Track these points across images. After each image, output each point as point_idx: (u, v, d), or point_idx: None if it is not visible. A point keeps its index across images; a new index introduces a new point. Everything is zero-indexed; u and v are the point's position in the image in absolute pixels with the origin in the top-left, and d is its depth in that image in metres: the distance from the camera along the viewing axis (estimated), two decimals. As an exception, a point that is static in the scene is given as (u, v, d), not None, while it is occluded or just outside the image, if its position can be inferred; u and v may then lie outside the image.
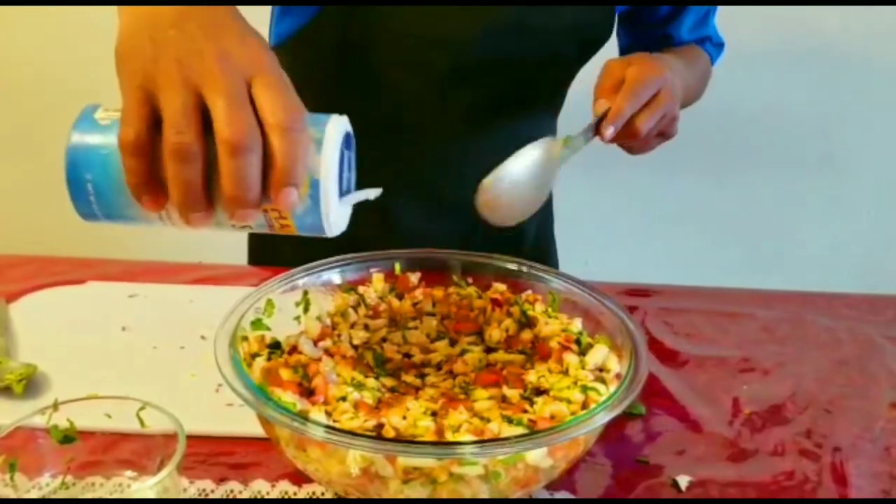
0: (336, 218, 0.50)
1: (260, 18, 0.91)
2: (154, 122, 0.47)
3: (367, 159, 0.98)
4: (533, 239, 1.03)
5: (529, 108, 0.95)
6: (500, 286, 0.70)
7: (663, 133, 0.83)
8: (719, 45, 1.00)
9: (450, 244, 0.72)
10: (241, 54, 0.48)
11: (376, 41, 0.85)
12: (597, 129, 0.76)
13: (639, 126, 0.77)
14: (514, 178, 0.71)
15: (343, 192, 0.51)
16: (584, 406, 0.56)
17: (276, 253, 1.01)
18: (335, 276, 0.69)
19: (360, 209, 0.84)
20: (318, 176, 0.48)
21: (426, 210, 0.95)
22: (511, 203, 0.72)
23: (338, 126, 0.50)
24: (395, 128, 0.90)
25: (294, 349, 0.62)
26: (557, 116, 1.01)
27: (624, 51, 1.00)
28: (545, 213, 1.08)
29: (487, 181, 0.71)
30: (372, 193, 0.54)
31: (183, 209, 0.47)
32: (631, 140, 0.79)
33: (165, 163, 0.46)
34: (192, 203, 0.47)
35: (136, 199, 0.48)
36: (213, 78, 0.46)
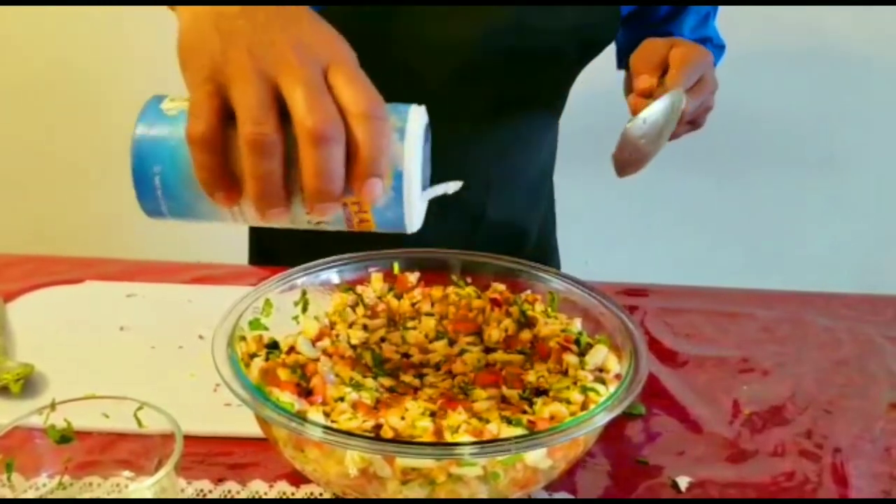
0: (417, 213, 0.48)
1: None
2: (225, 115, 0.45)
3: None
4: (535, 239, 1.03)
5: (531, 108, 0.95)
6: (500, 286, 0.69)
7: (693, 122, 0.83)
8: (720, 47, 1.00)
9: (451, 244, 0.72)
10: (316, 42, 0.47)
11: (377, 43, 0.84)
12: (634, 108, 0.76)
13: (686, 108, 0.76)
14: (655, 119, 0.73)
15: (422, 186, 0.49)
16: (584, 406, 0.56)
17: (276, 252, 1.01)
18: (333, 276, 0.68)
19: None
20: (401, 167, 0.46)
21: (429, 211, 0.95)
22: (646, 146, 0.74)
23: (419, 115, 0.48)
24: None
25: (292, 349, 0.62)
26: (559, 117, 1.01)
27: (622, 50, 0.99)
28: (547, 214, 1.07)
29: (631, 123, 0.73)
30: (451, 187, 0.51)
31: (260, 204, 0.45)
32: None
33: (243, 156, 0.44)
34: (271, 197, 0.45)
35: (209, 194, 0.46)
36: (290, 67, 0.44)
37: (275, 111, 0.44)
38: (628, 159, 0.75)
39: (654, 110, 0.74)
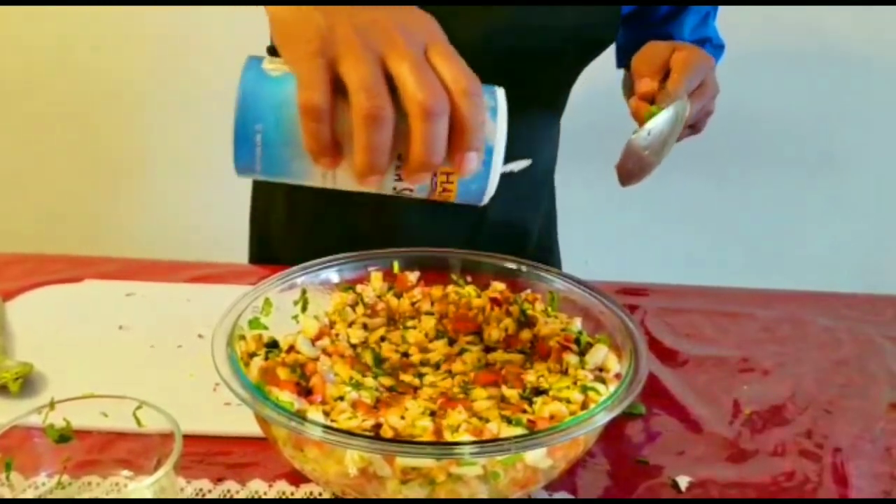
0: (495, 187, 0.51)
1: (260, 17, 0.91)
2: (334, 86, 0.47)
3: None
4: (536, 239, 1.03)
5: (532, 108, 0.95)
6: (500, 285, 0.69)
7: (693, 126, 0.83)
8: (719, 47, 1.00)
9: (454, 244, 0.72)
10: (413, 22, 0.50)
11: None
12: (636, 111, 0.76)
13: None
14: (660, 130, 0.74)
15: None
16: (584, 406, 0.56)
17: (277, 252, 1.01)
18: (333, 275, 0.68)
19: (364, 211, 0.83)
20: (492, 142, 0.49)
21: (430, 209, 0.95)
22: (650, 157, 0.75)
23: (504, 96, 0.51)
24: None
25: (292, 348, 0.61)
26: (560, 117, 1.01)
27: (622, 49, 0.99)
28: (548, 213, 1.07)
29: (636, 135, 0.74)
30: (520, 165, 0.55)
31: (366, 172, 0.47)
32: None
33: (355, 127, 0.46)
34: (377, 167, 0.47)
35: (314, 160, 0.48)
36: (396, 45, 0.47)
37: (386, 85, 0.46)
38: (632, 170, 0.76)
39: (659, 122, 0.74)
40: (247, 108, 0.48)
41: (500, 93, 0.51)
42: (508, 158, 1.00)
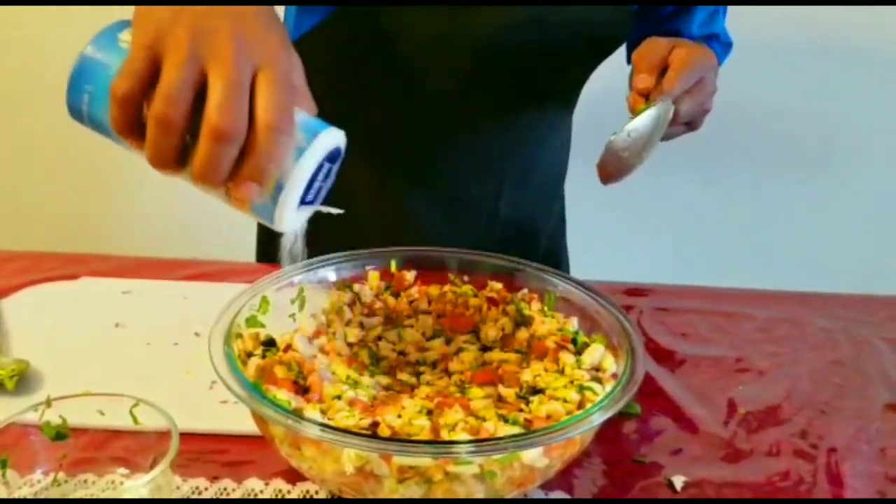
0: (288, 221, 0.51)
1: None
2: (150, 80, 0.48)
3: (382, 158, 0.96)
4: (546, 242, 1.03)
5: (545, 105, 0.95)
6: (497, 284, 0.69)
7: (690, 123, 0.83)
8: (727, 45, 0.99)
9: (466, 244, 0.72)
10: (258, 42, 0.49)
11: (390, 40, 0.84)
12: (632, 106, 0.77)
13: (681, 110, 0.76)
14: (641, 132, 0.74)
15: (307, 201, 0.51)
16: (580, 406, 0.56)
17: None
18: (330, 274, 0.68)
19: (376, 208, 0.82)
20: (285, 182, 0.49)
21: (443, 210, 0.95)
22: (630, 158, 0.75)
23: (328, 140, 0.50)
24: (412, 125, 0.90)
25: (289, 347, 0.61)
26: (572, 114, 1.01)
27: (631, 45, 0.99)
28: (558, 215, 1.08)
29: (616, 136, 0.75)
30: (333, 210, 0.54)
31: (152, 165, 0.49)
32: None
33: (147, 125, 0.48)
34: (161, 164, 0.49)
35: (120, 137, 0.50)
36: (221, 60, 0.47)
37: (190, 95, 0.47)
38: (611, 170, 0.76)
39: (640, 123, 0.75)
40: (84, 67, 0.51)
41: (324, 136, 0.49)
42: (524, 156, 0.98)
